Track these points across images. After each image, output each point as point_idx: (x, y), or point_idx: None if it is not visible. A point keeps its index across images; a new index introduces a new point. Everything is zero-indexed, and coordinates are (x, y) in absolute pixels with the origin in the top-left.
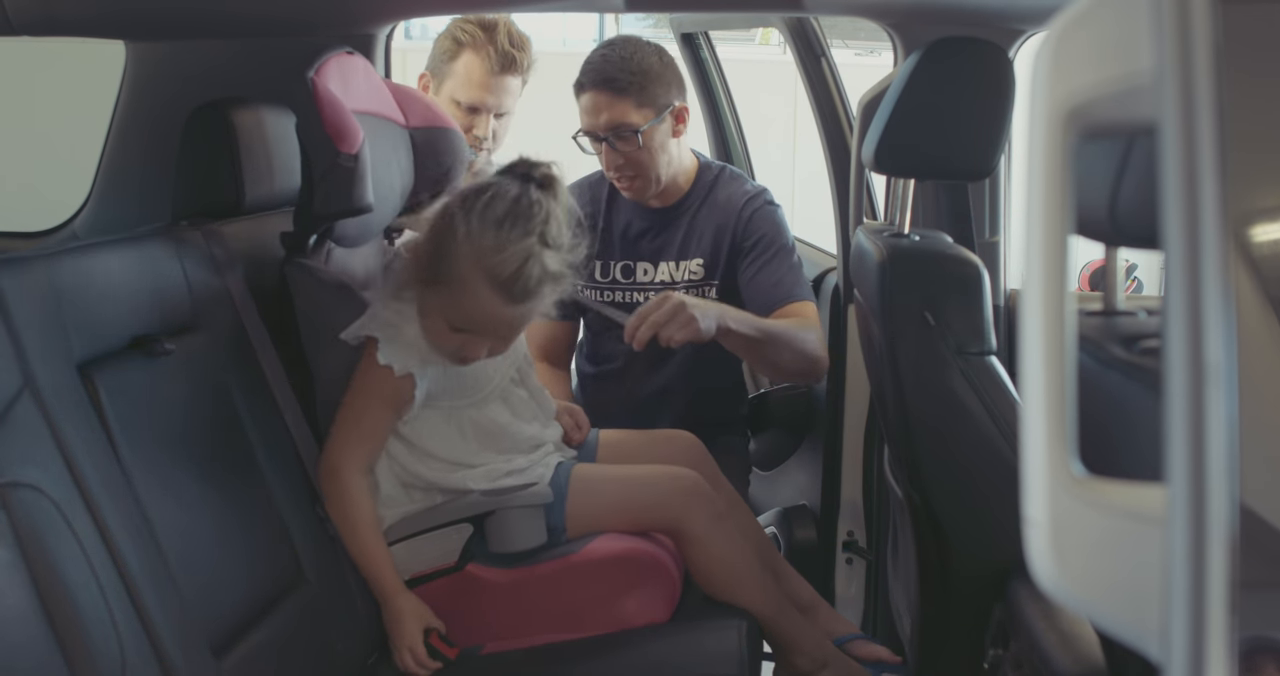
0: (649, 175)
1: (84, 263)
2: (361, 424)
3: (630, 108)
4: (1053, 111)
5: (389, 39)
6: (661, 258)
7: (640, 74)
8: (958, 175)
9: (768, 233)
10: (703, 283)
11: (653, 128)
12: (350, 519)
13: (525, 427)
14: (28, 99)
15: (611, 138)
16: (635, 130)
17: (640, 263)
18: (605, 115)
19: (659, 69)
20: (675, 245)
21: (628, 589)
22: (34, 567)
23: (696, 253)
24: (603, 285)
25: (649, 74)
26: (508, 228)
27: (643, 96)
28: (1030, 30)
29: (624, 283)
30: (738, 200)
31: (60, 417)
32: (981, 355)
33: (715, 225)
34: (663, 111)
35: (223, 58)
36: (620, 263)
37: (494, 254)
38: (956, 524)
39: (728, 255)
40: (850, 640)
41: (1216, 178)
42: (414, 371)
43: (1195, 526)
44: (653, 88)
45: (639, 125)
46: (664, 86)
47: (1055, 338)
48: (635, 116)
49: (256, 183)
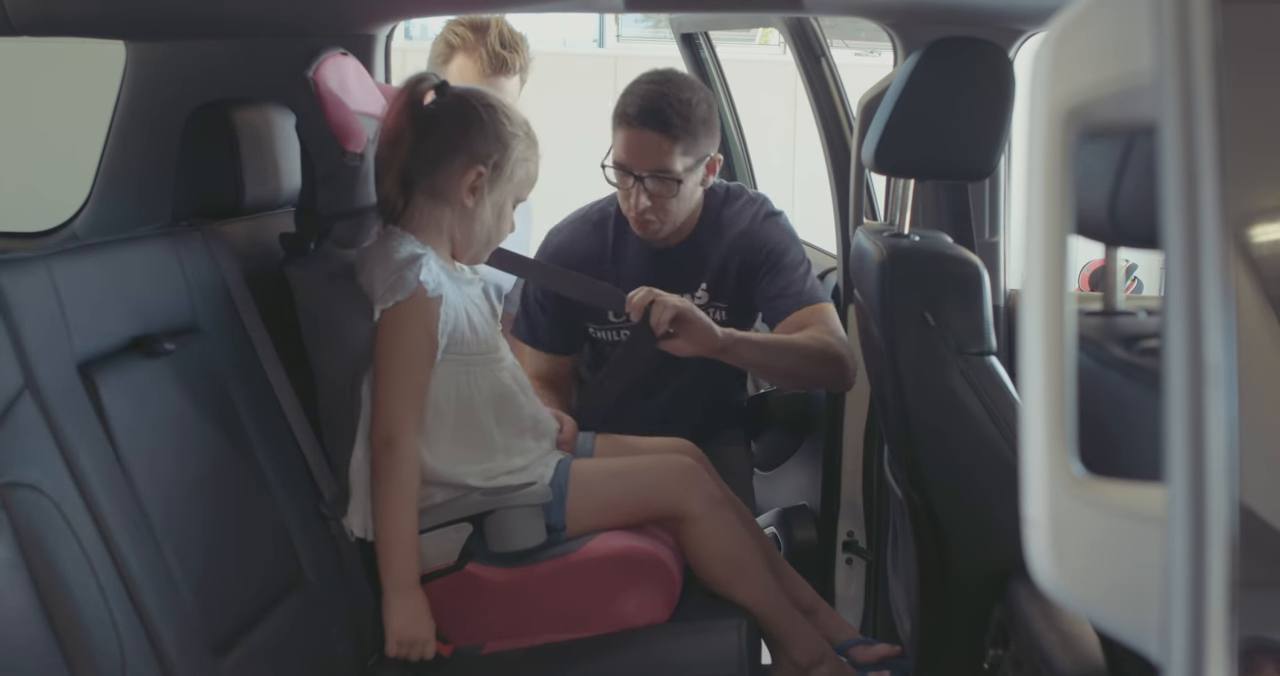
0: (671, 220)
1: (84, 263)
2: (409, 383)
3: (677, 154)
4: (1052, 111)
5: (389, 39)
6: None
7: (696, 122)
8: (958, 175)
9: (773, 245)
10: (708, 306)
11: (690, 176)
12: (399, 495)
13: (528, 406)
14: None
15: (649, 179)
16: (677, 179)
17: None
18: (650, 157)
19: (708, 117)
20: (684, 277)
21: (627, 588)
22: (34, 567)
23: (703, 277)
24: (617, 325)
25: (703, 123)
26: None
27: (691, 144)
28: (1030, 30)
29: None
30: (742, 220)
31: (60, 417)
32: (981, 355)
33: (722, 248)
34: (701, 161)
35: (223, 58)
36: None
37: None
38: (956, 524)
39: (737, 276)
40: (851, 646)
41: (1216, 177)
42: (442, 294)
43: (1195, 526)
44: (702, 137)
45: (680, 174)
46: (710, 137)
47: (1055, 338)
48: (679, 163)
49: (256, 183)
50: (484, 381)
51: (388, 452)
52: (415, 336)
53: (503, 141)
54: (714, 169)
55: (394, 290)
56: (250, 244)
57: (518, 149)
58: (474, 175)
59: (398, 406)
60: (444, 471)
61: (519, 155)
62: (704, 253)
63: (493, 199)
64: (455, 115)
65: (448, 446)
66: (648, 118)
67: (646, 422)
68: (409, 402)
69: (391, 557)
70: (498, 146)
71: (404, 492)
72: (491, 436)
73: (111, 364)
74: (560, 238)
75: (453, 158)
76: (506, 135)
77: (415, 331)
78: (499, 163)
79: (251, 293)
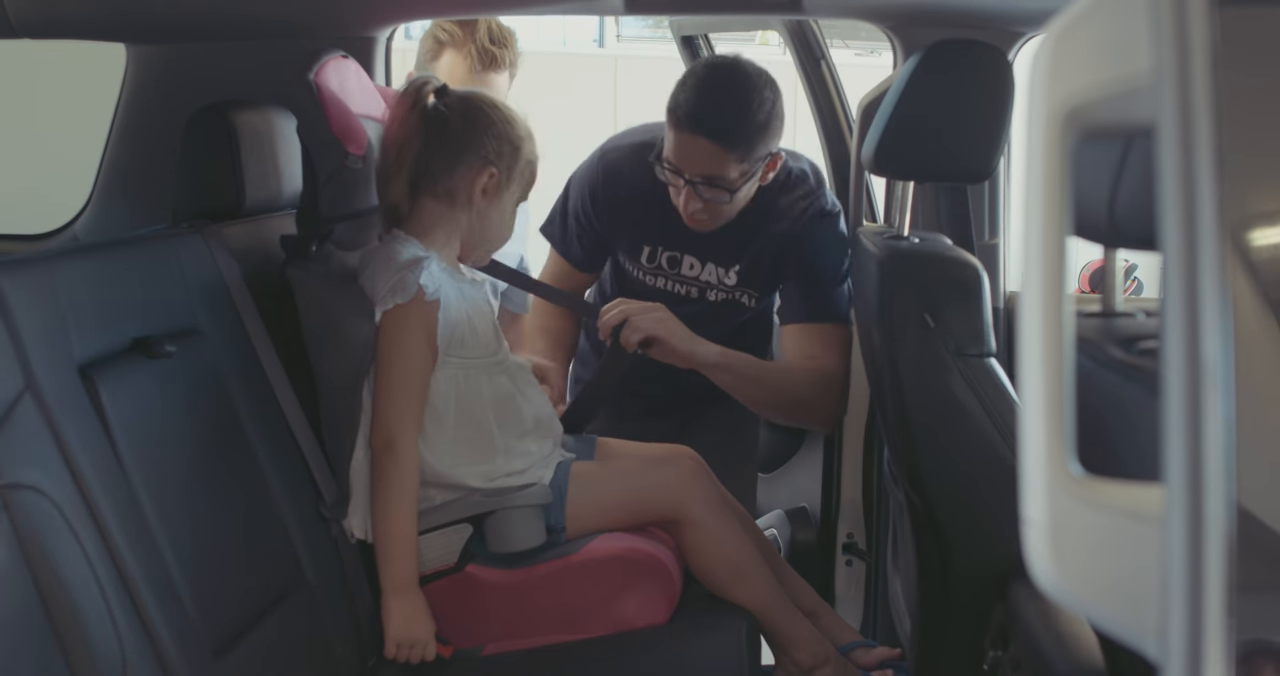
0: (723, 219)
1: (85, 265)
2: (408, 386)
3: (733, 163)
4: (1051, 113)
5: (389, 41)
6: (711, 256)
7: (758, 130)
8: (957, 177)
9: (814, 249)
10: (738, 289)
11: (746, 183)
12: (398, 496)
13: (530, 406)
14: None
15: (701, 185)
16: (731, 189)
17: (688, 256)
18: (703, 165)
19: (769, 120)
20: (722, 253)
21: (627, 589)
22: (35, 568)
23: (739, 260)
24: (647, 269)
25: (765, 127)
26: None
27: (749, 152)
28: (1029, 32)
29: (668, 270)
30: (792, 213)
31: (61, 419)
32: (981, 357)
33: (764, 238)
34: (760, 164)
35: (223, 60)
36: (668, 253)
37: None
38: (956, 525)
39: (770, 268)
40: (852, 648)
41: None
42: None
43: (1193, 526)
44: (762, 144)
45: (736, 183)
46: (773, 138)
47: (1054, 339)
48: (734, 172)
49: (257, 185)
50: (485, 384)
51: (388, 455)
52: (415, 339)
53: (513, 143)
54: (775, 165)
55: (394, 293)
56: (251, 246)
57: (526, 149)
58: (486, 176)
59: (397, 409)
60: (445, 472)
61: (528, 155)
62: (748, 236)
63: (503, 199)
64: (466, 117)
65: (448, 448)
66: (701, 124)
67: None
68: (409, 405)
69: (389, 559)
70: (509, 148)
71: (403, 494)
72: (492, 438)
73: (112, 365)
74: (617, 159)
75: (466, 159)
76: (516, 136)
77: (415, 334)
78: (510, 163)
79: (252, 294)
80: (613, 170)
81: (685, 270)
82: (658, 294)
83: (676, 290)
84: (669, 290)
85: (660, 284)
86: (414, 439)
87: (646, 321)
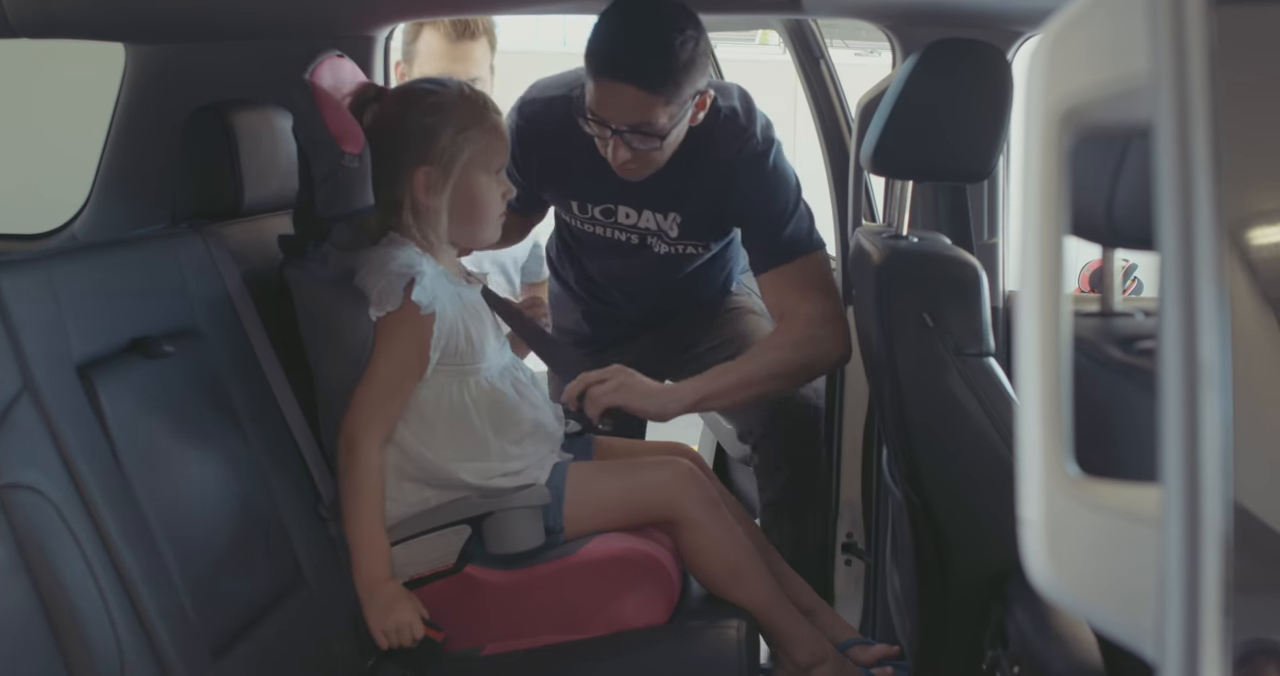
0: (654, 166)
1: (84, 264)
2: (387, 391)
3: (660, 107)
4: (1049, 113)
5: (388, 40)
6: (645, 203)
7: (681, 68)
8: (956, 177)
9: (754, 187)
10: (681, 241)
11: (676, 126)
12: (359, 497)
13: (529, 411)
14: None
15: (629, 134)
16: (661, 134)
17: (622, 206)
18: (629, 113)
19: (694, 56)
20: (657, 199)
21: (626, 590)
22: (33, 569)
23: (675, 206)
24: (582, 219)
25: (689, 66)
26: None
27: (676, 94)
28: (1028, 32)
29: (603, 220)
30: (730, 150)
31: (60, 419)
32: (979, 356)
33: (700, 177)
34: (688, 103)
35: (222, 60)
36: (603, 205)
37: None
38: (955, 525)
39: (712, 212)
40: (850, 646)
41: (1211, 179)
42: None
43: (1190, 526)
44: (689, 84)
45: (665, 128)
46: (698, 76)
47: (1051, 339)
48: (663, 117)
49: (256, 184)
50: (478, 389)
51: (349, 454)
52: (404, 350)
53: (430, 131)
54: (704, 105)
55: (384, 300)
56: (250, 246)
57: (448, 130)
58: (421, 175)
59: (367, 410)
60: (439, 467)
61: (456, 133)
62: (680, 179)
63: (454, 185)
64: (383, 129)
65: (442, 450)
66: (622, 69)
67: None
68: (381, 409)
69: (357, 556)
70: (428, 139)
71: (363, 494)
72: (486, 442)
73: (111, 365)
74: (534, 113)
75: (395, 170)
76: (438, 123)
77: (405, 345)
78: (446, 149)
79: (251, 294)
80: (531, 126)
81: (622, 219)
82: (599, 241)
83: (617, 237)
84: (610, 237)
85: (601, 231)
86: (378, 441)
87: (603, 393)
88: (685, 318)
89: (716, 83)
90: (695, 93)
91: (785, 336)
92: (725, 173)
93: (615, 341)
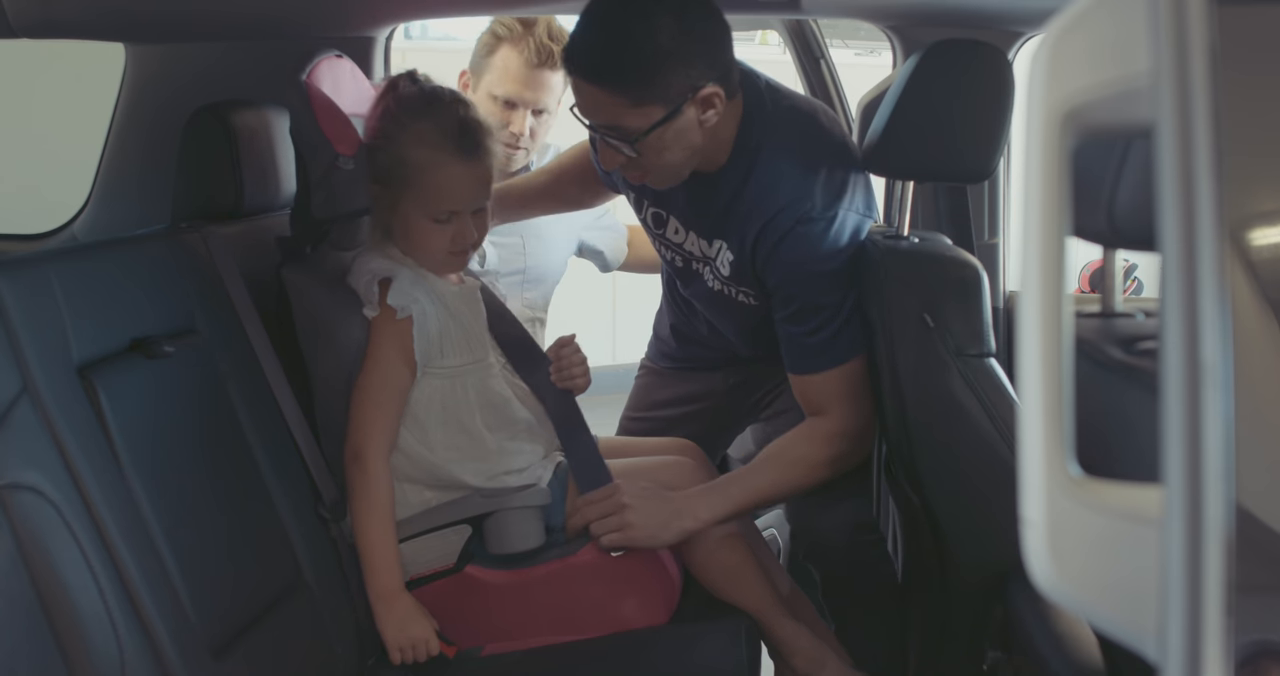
0: (658, 171)
1: (84, 265)
2: (380, 397)
3: (625, 108)
4: (1050, 113)
5: (388, 40)
6: (691, 223)
7: (650, 63)
8: (957, 177)
9: (791, 273)
10: (733, 283)
11: (660, 130)
12: (369, 509)
13: (523, 409)
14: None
15: (607, 136)
16: (631, 138)
17: (672, 216)
18: (595, 112)
19: (669, 48)
20: (705, 210)
21: (626, 590)
22: (33, 569)
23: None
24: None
25: (666, 58)
26: (431, 102)
27: (644, 93)
28: (1029, 32)
29: (654, 228)
30: (768, 212)
31: (60, 420)
32: (981, 357)
33: (744, 226)
34: (677, 104)
35: (222, 60)
36: (653, 209)
37: (431, 123)
38: (956, 525)
39: (754, 270)
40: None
41: (1213, 179)
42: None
43: (1191, 527)
44: (661, 81)
45: (640, 129)
46: (678, 72)
47: (1053, 339)
48: (632, 119)
49: (256, 185)
50: (472, 389)
51: (356, 466)
52: (388, 352)
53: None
54: (713, 103)
55: (369, 300)
56: (250, 246)
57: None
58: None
59: (366, 421)
60: (441, 468)
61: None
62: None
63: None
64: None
65: (441, 450)
66: (574, 64)
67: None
68: (379, 417)
69: (370, 569)
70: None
71: (374, 505)
72: (484, 441)
73: (111, 366)
74: None
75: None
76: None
77: (387, 347)
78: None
79: (251, 294)
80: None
81: (670, 234)
82: (666, 264)
83: (675, 261)
84: (670, 261)
85: (656, 242)
86: (383, 450)
87: (605, 531)
88: (764, 371)
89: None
90: (690, 88)
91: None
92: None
93: (694, 366)
